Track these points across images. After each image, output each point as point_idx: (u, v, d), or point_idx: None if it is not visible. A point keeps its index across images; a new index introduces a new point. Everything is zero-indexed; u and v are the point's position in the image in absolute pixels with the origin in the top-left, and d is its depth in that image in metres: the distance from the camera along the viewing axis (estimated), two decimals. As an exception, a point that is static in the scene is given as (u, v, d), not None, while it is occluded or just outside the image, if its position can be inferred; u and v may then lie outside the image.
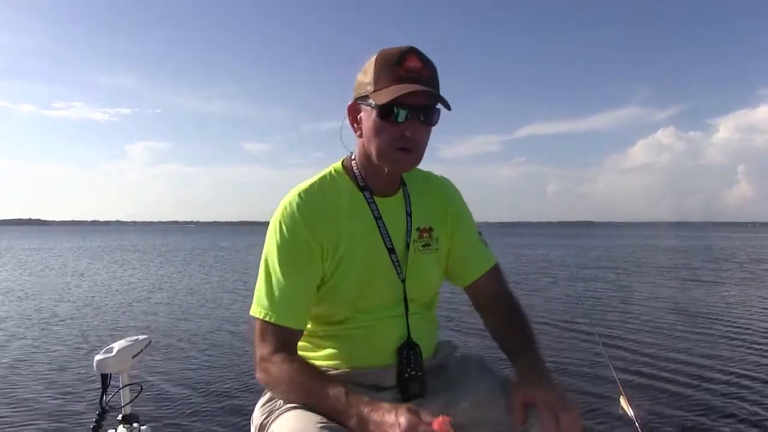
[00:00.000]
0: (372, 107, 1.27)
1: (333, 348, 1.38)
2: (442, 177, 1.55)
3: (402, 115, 1.24)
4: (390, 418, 1.03)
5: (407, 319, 1.36)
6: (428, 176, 1.52)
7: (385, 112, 1.25)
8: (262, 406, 1.32)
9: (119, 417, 2.00)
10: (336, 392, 1.14)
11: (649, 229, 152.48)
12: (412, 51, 1.26)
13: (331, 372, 1.35)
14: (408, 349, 1.34)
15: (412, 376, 1.32)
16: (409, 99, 1.22)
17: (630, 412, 1.83)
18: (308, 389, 1.18)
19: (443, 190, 1.52)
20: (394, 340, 1.35)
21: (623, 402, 1.86)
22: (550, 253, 28.10)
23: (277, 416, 1.23)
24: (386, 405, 1.07)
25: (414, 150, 1.29)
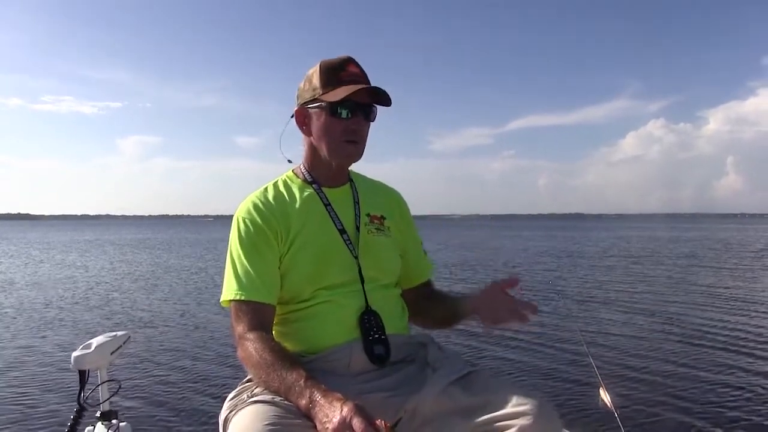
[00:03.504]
0: (322, 108, 1.44)
1: (302, 329, 1.44)
2: (394, 188, 1.72)
3: (349, 111, 1.43)
4: (335, 404, 1.11)
5: (365, 293, 1.45)
6: (380, 183, 1.70)
7: (335, 109, 1.42)
8: (229, 400, 1.36)
9: (98, 414, 1.98)
10: (298, 374, 1.23)
11: (640, 220, 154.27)
12: (351, 59, 1.47)
13: (307, 358, 1.40)
14: (368, 316, 1.43)
15: (375, 339, 1.41)
16: (354, 97, 1.41)
17: (609, 403, 1.85)
18: (274, 369, 1.26)
19: (395, 195, 1.69)
20: (355, 311, 1.43)
21: (603, 393, 1.88)
22: (536, 244, 28.32)
23: (237, 411, 1.27)
24: (338, 395, 1.14)
25: (359, 142, 1.47)
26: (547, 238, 37.20)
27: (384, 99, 1.46)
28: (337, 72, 1.44)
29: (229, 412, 1.30)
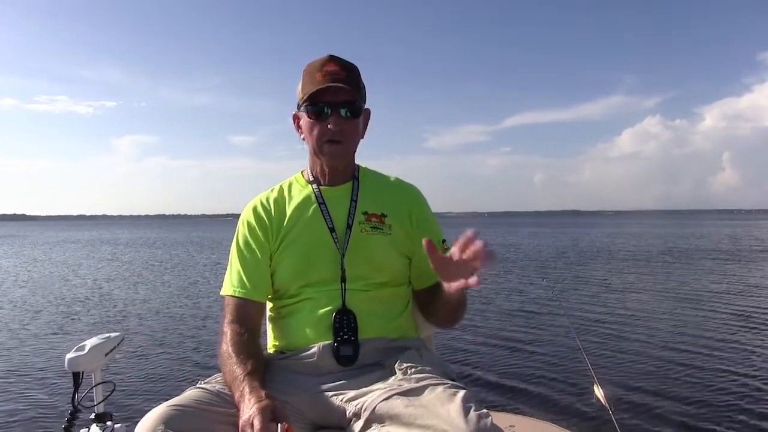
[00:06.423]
0: (302, 111, 1.49)
1: (285, 326, 1.50)
2: (412, 185, 1.69)
3: (324, 111, 1.45)
4: (251, 402, 1.18)
5: (343, 292, 1.46)
6: (398, 181, 1.68)
7: (310, 111, 1.46)
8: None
9: (92, 416, 1.97)
10: (243, 368, 1.29)
11: (638, 217, 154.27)
12: (331, 58, 1.47)
13: (285, 354, 1.46)
14: (342, 315, 1.44)
15: (344, 340, 1.42)
16: (329, 97, 1.43)
17: (603, 399, 1.86)
18: (230, 361, 1.34)
19: (409, 194, 1.65)
20: (332, 310, 1.45)
21: (597, 389, 1.89)
22: (531, 242, 28.37)
23: (183, 392, 1.33)
24: (261, 393, 1.20)
25: (341, 141, 1.48)
26: (546, 236, 37.27)
27: (351, 92, 1.44)
28: (314, 73, 1.46)
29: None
